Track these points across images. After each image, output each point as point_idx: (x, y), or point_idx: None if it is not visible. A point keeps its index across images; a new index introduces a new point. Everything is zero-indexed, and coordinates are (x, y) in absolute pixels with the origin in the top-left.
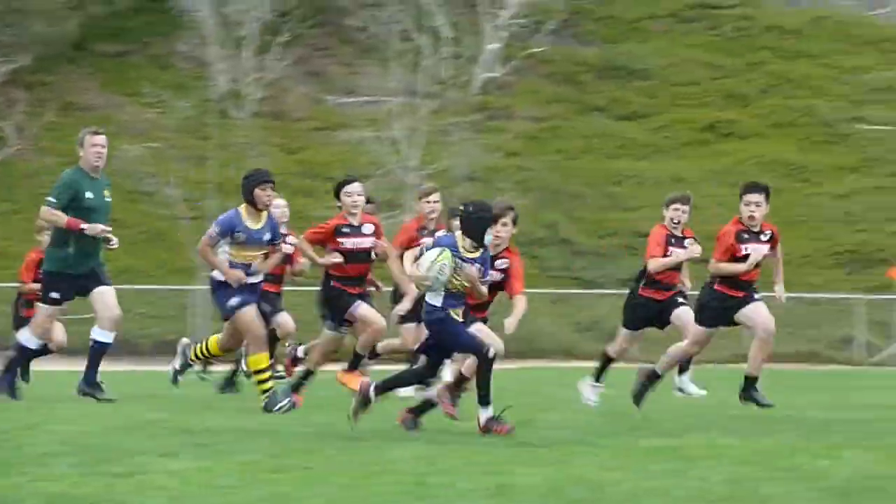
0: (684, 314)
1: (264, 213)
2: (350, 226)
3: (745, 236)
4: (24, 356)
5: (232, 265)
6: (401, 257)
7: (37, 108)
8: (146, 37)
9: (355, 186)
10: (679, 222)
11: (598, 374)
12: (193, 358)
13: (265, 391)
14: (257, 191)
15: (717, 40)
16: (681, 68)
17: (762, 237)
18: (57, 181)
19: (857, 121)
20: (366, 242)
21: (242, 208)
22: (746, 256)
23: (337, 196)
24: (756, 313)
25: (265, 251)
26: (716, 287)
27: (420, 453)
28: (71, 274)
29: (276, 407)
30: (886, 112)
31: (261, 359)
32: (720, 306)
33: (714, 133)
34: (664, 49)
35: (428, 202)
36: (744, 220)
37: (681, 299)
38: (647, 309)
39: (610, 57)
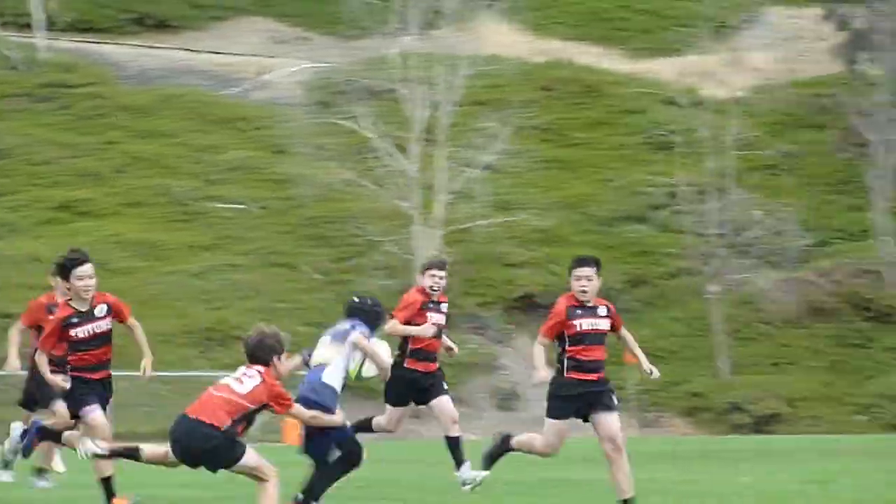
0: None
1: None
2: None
3: (578, 311)
4: None
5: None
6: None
7: None
8: None
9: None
10: (437, 289)
11: None
12: None
13: None
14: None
15: (71, 119)
16: (35, 147)
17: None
18: None
19: (210, 199)
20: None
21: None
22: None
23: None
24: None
25: None
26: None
27: None
28: None
29: None
30: (239, 190)
31: None
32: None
33: (70, 212)
34: (19, 128)
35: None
36: (576, 295)
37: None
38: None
39: None
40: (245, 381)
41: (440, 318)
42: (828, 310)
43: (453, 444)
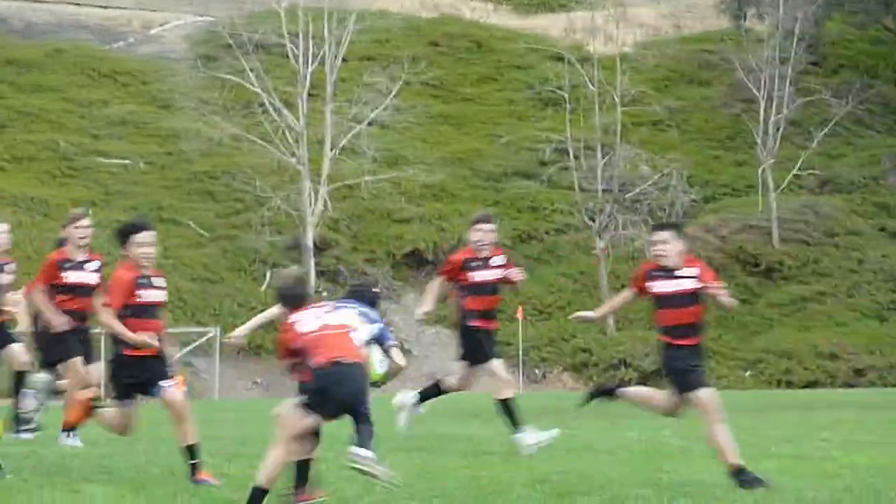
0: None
1: None
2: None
3: (656, 273)
4: None
5: None
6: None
7: None
8: None
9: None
10: (484, 244)
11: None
12: None
13: None
14: None
15: None
16: None
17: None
18: None
19: (96, 154)
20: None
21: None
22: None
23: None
24: None
25: None
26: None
27: None
28: None
29: None
30: (125, 145)
31: None
32: None
33: None
34: None
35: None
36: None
37: None
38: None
39: None
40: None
41: (487, 275)
42: (714, 265)
43: (506, 408)
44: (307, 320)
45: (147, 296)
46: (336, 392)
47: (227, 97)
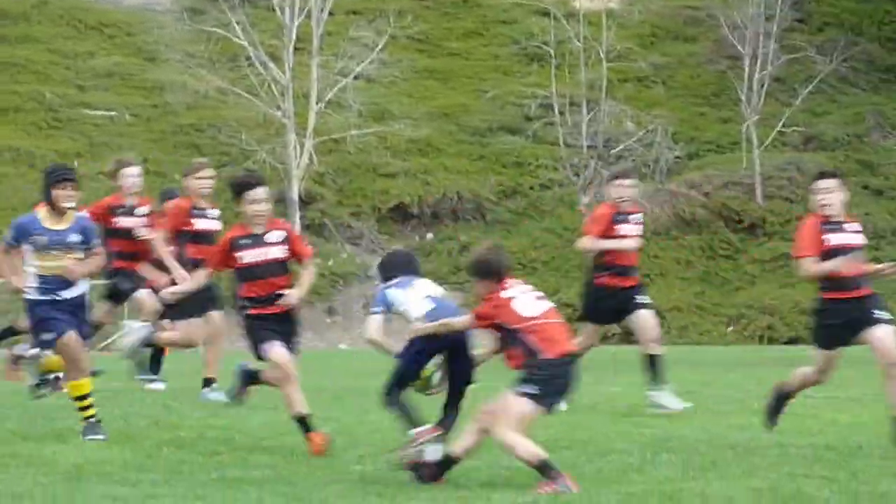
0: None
1: (71, 214)
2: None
3: (827, 227)
4: None
5: (44, 281)
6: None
7: None
8: None
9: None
10: (626, 199)
11: None
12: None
13: (87, 417)
14: (55, 190)
15: None
16: None
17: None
18: None
19: (82, 106)
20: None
21: (41, 208)
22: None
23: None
24: None
25: (77, 255)
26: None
27: None
28: None
29: (92, 437)
30: (111, 97)
31: (81, 385)
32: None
33: None
34: None
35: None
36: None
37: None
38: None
39: None
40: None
41: (631, 230)
42: (698, 221)
43: (652, 363)
44: (524, 301)
45: (250, 256)
46: (566, 387)
47: (213, 50)
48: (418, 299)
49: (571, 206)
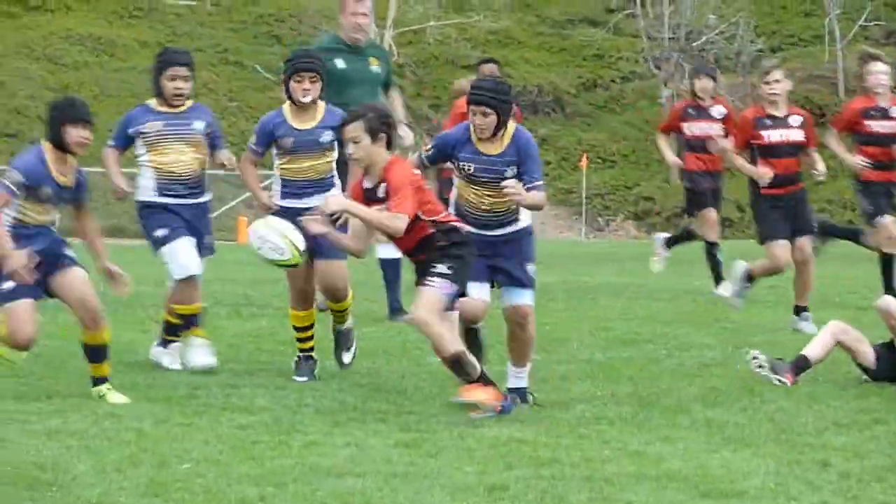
0: None
1: (321, 106)
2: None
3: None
4: None
5: (286, 184)
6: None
7: None
8: None
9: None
10: (704, 93)
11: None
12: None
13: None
14: (293, 83)
15: None
16: None
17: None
18: None
19: None
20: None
21: (286, 106)
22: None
23: None
24: None
25: (328, 159)
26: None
27: None
28: None
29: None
30: None
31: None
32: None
33: (21, 6)
34: None
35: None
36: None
37: None
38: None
39: None
40: None
41: (704, 126)
42: None
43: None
44: None
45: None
46: None
47: None
48: None
49: (652, 99)
